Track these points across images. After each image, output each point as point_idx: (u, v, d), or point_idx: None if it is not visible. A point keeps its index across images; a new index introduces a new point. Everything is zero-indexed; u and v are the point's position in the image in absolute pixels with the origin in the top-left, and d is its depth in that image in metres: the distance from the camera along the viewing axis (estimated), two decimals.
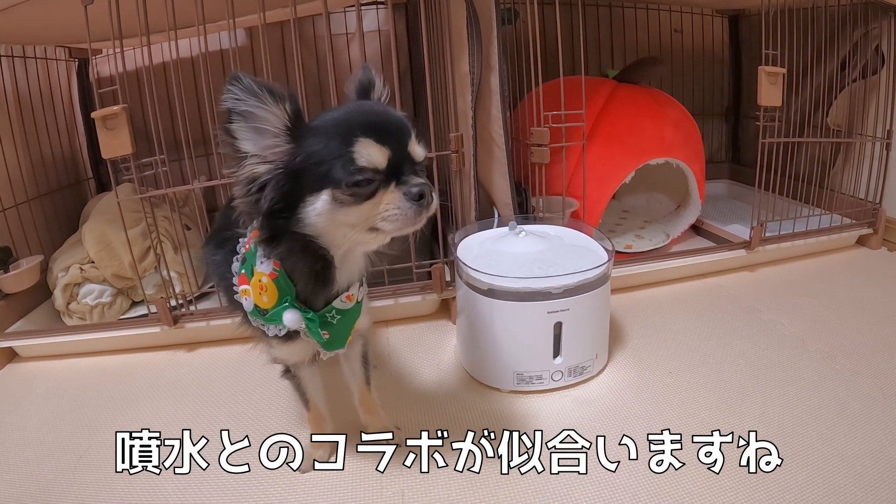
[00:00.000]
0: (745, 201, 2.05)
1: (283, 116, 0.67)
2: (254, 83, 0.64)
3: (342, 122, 0.70)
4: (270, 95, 0.65)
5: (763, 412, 1.02)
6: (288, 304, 0.76)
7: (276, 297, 0.76)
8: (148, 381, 1.25)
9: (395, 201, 0.69)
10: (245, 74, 0.65)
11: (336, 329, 0.81)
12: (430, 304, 1.42)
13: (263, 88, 0.65)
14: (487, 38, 1.28)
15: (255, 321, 0.81)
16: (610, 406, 1.07)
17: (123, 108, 1.17)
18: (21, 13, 1.21)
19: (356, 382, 0.98)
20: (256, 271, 0.77)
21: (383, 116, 0.73)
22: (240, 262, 0.82)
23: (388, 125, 0.70)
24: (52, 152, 1.78)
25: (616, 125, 1.61)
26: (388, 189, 0.69)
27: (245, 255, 0.81)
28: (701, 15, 2.23)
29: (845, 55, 1.76)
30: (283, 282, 0.76)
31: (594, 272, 1.05)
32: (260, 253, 0.77)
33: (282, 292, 0.76)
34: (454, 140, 1.29)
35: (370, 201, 0.68)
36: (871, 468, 0.88)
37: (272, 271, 0.76)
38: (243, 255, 0.81)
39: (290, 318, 0.76)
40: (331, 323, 0.79)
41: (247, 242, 0.81)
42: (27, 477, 0.98)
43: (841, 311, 1.37)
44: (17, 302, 1.47)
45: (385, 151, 0.68)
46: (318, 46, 1.91)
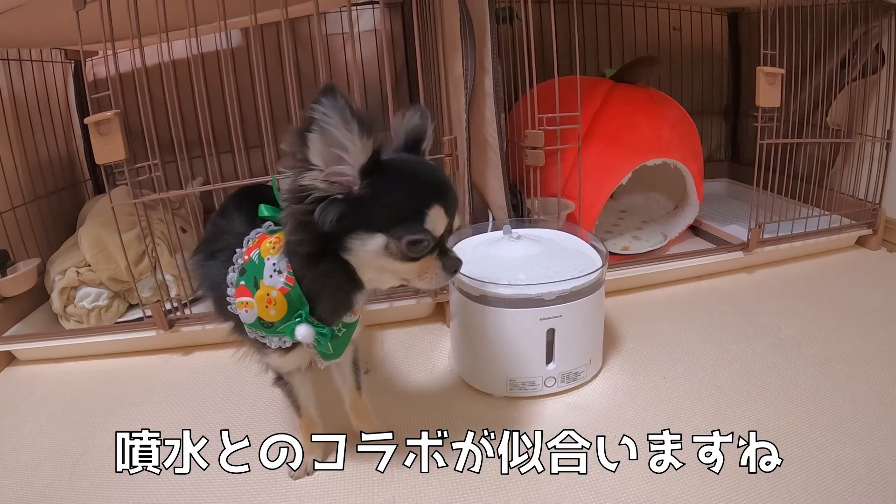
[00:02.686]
0: (745, 200, 2.04)
1: (365, 153, 0.66)
2: (346, 108, 0.63)
3: (418, 180, 0.74)
4: (359, 127, 0.64)
5: (758, 418, 1.02)
6: (301, 319, 0.77)
7: (286, 311, 0.76)
8: (144, 385, 1.26)
9: (435, 269, 0.74)
10: (340, 91, 0.63)
11: (339, 341, 0.83)
12: (424, 308, 1.42)
13: (354, 118, 0.63)
14: (481, 39, 1.27)
15: (252, 332, 0.80)
16: (603, 411, 1.06)
17: (116, 113, 1.17)
18: (14, 18, 1.21)
19: (347, 388, 0.98)
20: (264, 284, 0.76)
21: (449, 186, 0.76)
22: (237, 273, 0.80)
23: (453, 197, 0.75)
24: (48, 154, 1.78)
25: (613, 125, 1.60)
26: (433, 255, 0.74)
27: (244, 267, 0.79)
28: (700, 13, 2.21)
29: (845, 54, 1.74)
30: (295, 297, 0.76)
31: (587, 278, 1.04)
32: (271, 267, 0.76)
33: (292, 307, 0.76)
34: (448, 143, 1.29)
35: (415, 262, 0.73)
36: (866, 476, 0.88)
37: (283, 286, 0.76)
38: (241, 267, 0.80)
39: (303, 332, 0.76)
40: (337, 336, 0.82)
41: (245, 254, 0.81)
42: (24, 481, 0.99)
43: (839, 314, 1.36)
44: (14, 305, 1.47)
45: (446, 222, 0.73)
46: (316, 46, 1.91)
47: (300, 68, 1.86)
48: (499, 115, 1.31)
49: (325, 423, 0.98)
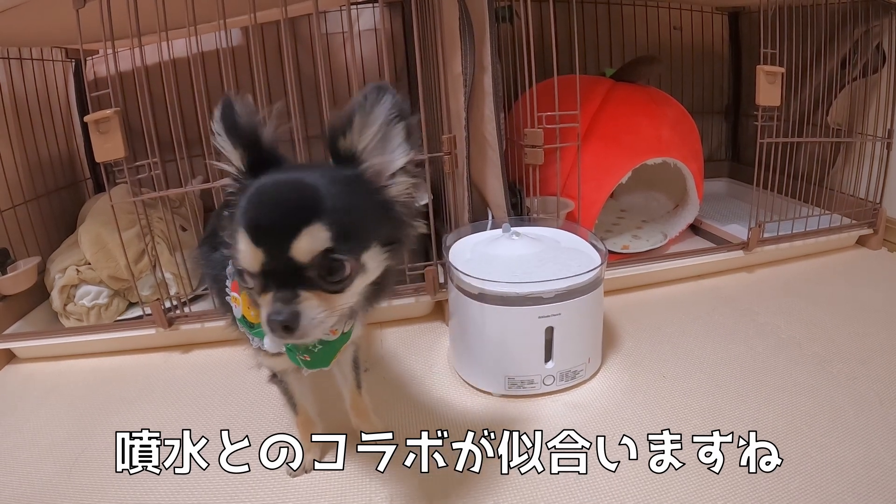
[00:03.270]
0: (745, 200, 2.03)
1: (238, 163, 0.63)
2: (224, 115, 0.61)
3: (249, 202, 0.60)
4: (230, 136, 0.62)
5: (757, 418, 1.02)
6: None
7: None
8: (144, 383, 1.26)
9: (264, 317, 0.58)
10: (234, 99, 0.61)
11: (317, 354, 0.77)
12: (423, 306, 1.42)
13: (225, 125, 0.61)
14: (480, 37, 1.27)
15: (241, 328, 0.81)
16: (602, 410, 1.06)
17: (116, 111, 1.17)
18: (14, 17, 1.21)
19: (347, 386, 0.98)
20: None
21: (270, 215, 0.58)
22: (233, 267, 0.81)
23: (269, 219, 0.58)
24: (49, 153, 1.78)
25: (613, 125, 1.59)
26: (267, 296, 0.59)
27: None
28: (700, 12, 2.21)
29: (846, 53, 1.74)
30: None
31: (586, 277, 1.04)
32: None
33: None
34: (447, 142, 1.29)
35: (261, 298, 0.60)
36: (866, 476, 0.87)
37: None
38: None
39: (266, 341, 0.75)
40: (311, 350, 0.76)
41: None
42: (24, 478, 0.99)
43: (839, 314, 1.36)
44: (14, 303, 1.47)
45: (258, 255, 0.57)
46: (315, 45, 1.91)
47: (300, 67, 1.86)
48: (498, 114, 1.31)
49: (324, 421, 0.98)
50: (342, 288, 0.61)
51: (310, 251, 0.57)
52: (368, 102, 0.60)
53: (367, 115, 0.61)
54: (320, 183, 0.60)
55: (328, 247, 0.57)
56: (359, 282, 0.62)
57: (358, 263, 0.61)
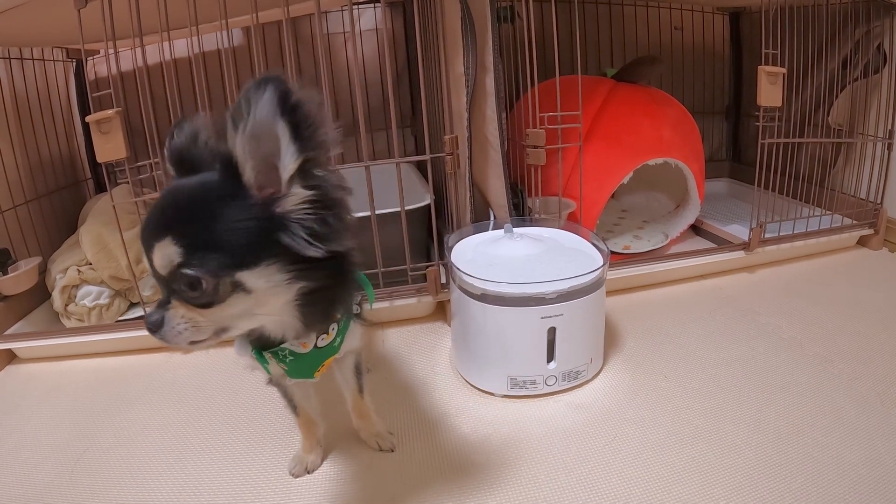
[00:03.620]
0: (746, 200, 2.03)
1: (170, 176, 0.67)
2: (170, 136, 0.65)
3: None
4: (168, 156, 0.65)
5: (758, 418, 1.02)
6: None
7: None
8: (145, 383, 1.26)
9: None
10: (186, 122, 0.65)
11: (293, 365, 0.75)
12: (425, 307, 1.42)
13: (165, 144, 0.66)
14: (482, 38, 1.27)
15: None
16: (604, 411, 1.06)
17: (118, 111, 1.17)
18: (15, 17, 1.21)
19: (349, 390, 0.98)
20: None
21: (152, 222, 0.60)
22: None
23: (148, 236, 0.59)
24: (49, 153, 1.78)
25: (614, 125, 1.59)
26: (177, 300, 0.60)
27: None
28: (701, 12, 2.21)
29: (847, 54, 1.74)
30: None
31: (588, 277, 1.04)
32: None
33: None
34: (449, 142, 1.28)
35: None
36: (867, 476, 0.87)
37: None
38: None
39: (236, 345, 0.74)
40: (284, 361, 0.74)
41: None
42: (25, 479, 0.99)
43: (840, 314, 1.36)
44: (15, 304, 1.47)
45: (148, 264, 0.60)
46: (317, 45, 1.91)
47: (301, 67, 1.86)
48: (500, 114, 1.31)
49: (326, 421, 0.97)
50: (207, 303, 0.59)
51: (163, 265, 0.58)
52: (246, 99, 0.53)
53: (245, 116, 0.54)
54: (187, 196, 0.61)
55: (178, 262, 0.57)
56: (236, 300, 0.59)
57: (219, 281, 0.57)
